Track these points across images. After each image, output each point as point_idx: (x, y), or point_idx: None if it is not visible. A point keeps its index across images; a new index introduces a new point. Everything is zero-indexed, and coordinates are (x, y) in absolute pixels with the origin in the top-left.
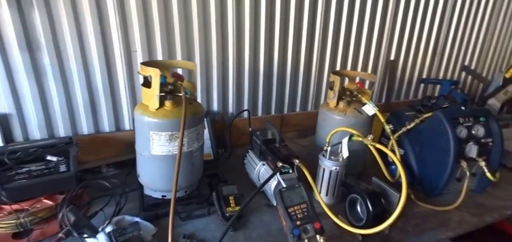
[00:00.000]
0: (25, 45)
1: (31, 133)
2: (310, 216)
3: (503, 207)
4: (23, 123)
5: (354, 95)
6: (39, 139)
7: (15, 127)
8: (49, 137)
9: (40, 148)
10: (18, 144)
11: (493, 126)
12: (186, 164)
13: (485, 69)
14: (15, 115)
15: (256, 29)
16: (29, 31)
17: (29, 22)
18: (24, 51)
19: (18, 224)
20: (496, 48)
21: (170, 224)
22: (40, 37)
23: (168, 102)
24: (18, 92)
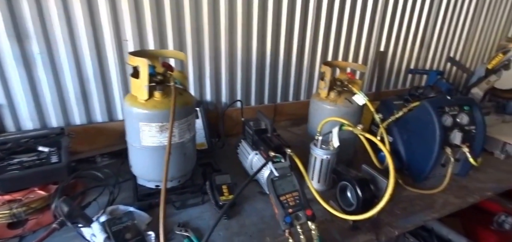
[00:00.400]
0: (13, 34)
1: (23, 124)
2: (301, 204)
3: (484, 188)
4: (14, 114)
5: (345, 85)
6: (31, 130)
7: (7, 118)
8: (41, 127)
9: (32, 139)
10: (9, 135)
11: (476, 114)
12: (178, 154)
13: (468, 60)
14: (6, 105)
15: (248, 19)
16: (17, 19)
17: (17, 10)
18: (13, 40)
19: (12, 214)
20: (479, 41)
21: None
22: (29, 25)
23: (158, 93)
24: (8, 82)
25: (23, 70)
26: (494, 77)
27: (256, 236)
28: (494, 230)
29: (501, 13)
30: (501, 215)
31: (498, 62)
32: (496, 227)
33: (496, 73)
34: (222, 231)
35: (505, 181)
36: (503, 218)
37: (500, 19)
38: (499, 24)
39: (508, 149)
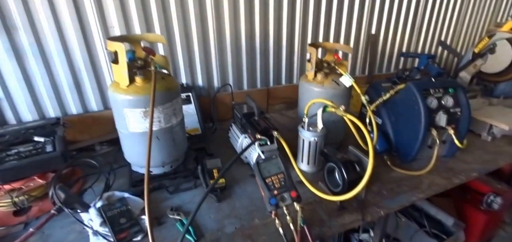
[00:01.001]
0: (1, 25)
1: (23, 116)
2: (286, 186)
3: (470, 169)
4: (13, 106)
5: (332, 67)
6: (29, 121)
7: (6, 111)
8: (39, 118)
9: (29, 130)
10: (7, 127)
11: (461, 97)
12: (167, 139)
13: (459, 44)
14: (4, 99)
15: (235, 1)
16: (3, 11)
17: (2, 2)
18: (1, 32)
19: (14, 202)
20: (469, 25)
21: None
22: (15, 16)
23: (139, 78)
24: (3, 75)
25: (15, 62)
26: (481, 61)
27: (246, 218)
28: (483, 210)
29: None
30: (490, 195)
31: (484, 46)
32: (485, 207)
33: (482, 57)
34: (213, 214)
35: (491, 162)
36: (491, 198)
37: (489, 4)
38: (489, 9)
39: (494, 131)
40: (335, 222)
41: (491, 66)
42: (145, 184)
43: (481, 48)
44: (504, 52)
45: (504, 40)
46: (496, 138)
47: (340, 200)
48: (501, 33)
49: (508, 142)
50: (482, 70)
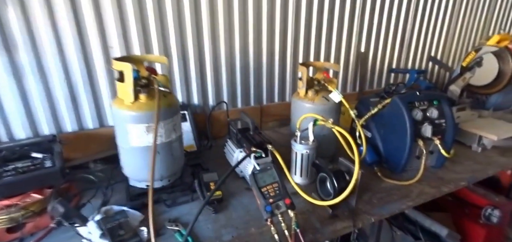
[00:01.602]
0: (1, 45)
1: (15, 133)
2: (281, 194)
3: (459, 179)
4: (6, 123)
5: (322, 84)
6: (24, 139)
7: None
8: (33, 135)
9: (24, 147)
10: (2, 144)
11: (445, 108)
12: (166, 154)
13: (450, 59)
14: None
15: (230, 23)
16: (4, 30)
17: (4, 21)
18: (2, 50)
19: (11, 218)
20: (459, 40)
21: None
22: (16, 36)
23: (143, 96)
24: None
25: (12, 80)
26: (469, 74)
27: (242, 227)
28: (482, 224)
29: (479, 12)
30: (488, 208)
31: (471, 59)
32: (484, 221)
33: (470, 70)
34: (210, 224)
35: (480, 171)
36: (489, 211)
37: (479, 18)
38: (479, 24)
39: (485, 142)
40: (328, 229)
41: (479, 79)
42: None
43: (468, 62)
44: (491, 65)
45: (489, 54)
46: (487, 149)
47: (330, 204)
48: (487, 47)
49: (499, 152)
50: (472, 83)
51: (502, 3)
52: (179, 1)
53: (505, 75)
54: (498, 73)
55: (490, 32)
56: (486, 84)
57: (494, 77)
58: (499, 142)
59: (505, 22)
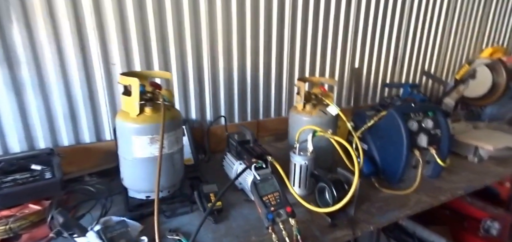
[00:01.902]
0: (4, 60)
1: (11, 146)
2: (282, 202)
3: (455, 188)
4: (2, 137)
5: (319, 98)
6: (20, 152)
7: None
8: (29, 149)
9: (23, 159)
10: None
11: (440, 119)
12: (167, 165)
13: (444, 73)
14: None
15: (228, 41)
16: (8, 46)
17: (8, 38)
18: (3, 66)
19: (8, 229)
20: (452, 54)
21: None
22: (19, 52)
23: (148, 109)
24: None
25: (12, 95)
26: (463, 87)
27: (243, 236)
28: (482, 236)
29: (471, 27)
30: (487, 220)
31: (465, 72)
32: (483, 234)
33: (464, 83)
34: (211, 234)
35: (477, 181)
36: (489, 224)
37: (472, 32)
38: (472, 37)
39: (481, 153)
40: (328, 237)
41: (473, 91)
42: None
43: (462, 75)
44: (485, 77)
45: (483, 66)
46: (483, 160)
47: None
48: (480, 60)
49: (496, 163)
50: (466, 95)
51: (495, 17)
52: (180, 20)
53: (499, 87)
54: (492, 85)
55: (483, 45)
56: (481, 96)
57: (488, 89)
58: (495, 152)
59: (498, 35)
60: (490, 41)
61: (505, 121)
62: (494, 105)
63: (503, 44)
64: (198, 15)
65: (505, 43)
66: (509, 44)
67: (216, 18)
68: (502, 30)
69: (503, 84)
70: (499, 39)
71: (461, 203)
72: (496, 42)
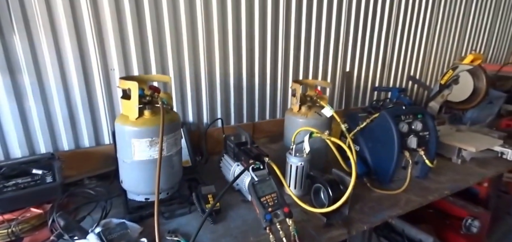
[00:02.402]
0: (6, 67)
1: (12, 151)
2: (279, 203)
3: (442, 188)
4: (3, 142)
5: (314, 100)
6: (21, 157)
7: None
8: (30, 154)
9: (24, 164)
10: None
11: (428, 122)
12: (166, 167)
13: (428, 78)
14: None
15: (224, 46)
16: (10, 54)
17: (10, 46)
18: (5, 73)
19: (10, 232)
20: (436, 60)
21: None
22: (21, 59)
23: (147, 112)
24: None
25: (13, 101)
26: (447, 91)
27: (241, 237)
28: (463, 234)
29: (452, 35)
30: (468, 219)
31: (449, 77)
32: (465, 231)
33: (448, 87)
34: (209, 234)
35: (461, 181)
36: (470, 222)
37: (452, 40)
38: (453, 45)
39: (464, 154)
40: (324, 237)
41: (456, 96)
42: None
43: (446, 80)
44: (466, 82)
45: (465, 72)
46: (466, 161)
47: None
48: (462, 66)
49: (477, 164)
50: (449, 99)
51: (472, 25)
52: (177, 25)
53: (480, 91)
54: (473, 90)
55: (463, 52)
56: (463, 100)
57: (470, 93)
58: (477, 153)
59: (476, 42)
60: (469, 48)
61: (485, 124)
62: (475, 109)
63: (481, 50)
64: (195, 21)
65: (482, 49)
66: (485, 51)
67: (213, 23)
68: (480, 38)
69: (483, 89)
70: (477, 46)
71: (444, 203)
72: (474, 49)
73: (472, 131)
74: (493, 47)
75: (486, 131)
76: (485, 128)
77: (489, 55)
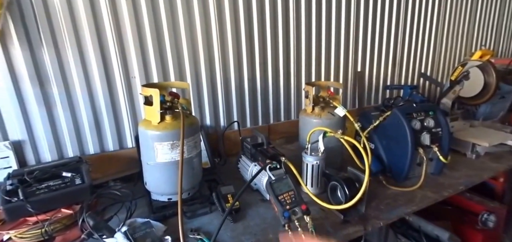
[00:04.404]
0: (36, 79)
1: (42, 156)
2: (297, 201)
3: (457, 183)
4: (35, 148)
5: (326, 101)
6: (51, 161)
7: (28, 152)
8: (58, 158)
9: (54, 167)
10: (34, 166)
11: (440, 118)
12: (187, 168)
13: (439, 74)
14: (27, 141)
15: (238, 52)
16: (39, 66)
17: (39, 59)
18: (35, 84)
19: (44, 232)
20: (446, 56)
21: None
22: (49, 70)
23: (168, 117)
24: (30, 120)
25: (43, 109)
26: (458, 87)
27: (260, 234)
28: (480, 229)
29: (460, 31)
30: (484, 214)
31: (459, 73)
32: (481, 226)
33: (459, 83)
34: (230, 232)
35: (476, 176)
36: (485, 217)
37: (462, 36)
38: (462, 41)
39: (478, 149)
40: (340, 233)
41: (468, 91)
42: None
43: (457, 76)
44: (477, 78)
45: (475, 67)
46: (480, 156)
47: (343, 208)
48: (472, 62)
49: (491, 158)
50: (461, 95)
51: (480, 21)
52: (193, 34)
53: (490, 86)
54: (484, 85)
55: (473, 48)
56: (474, 95)
57: (481, 88)
58: (490, 148)
59: (484, 38)
60: (478, 44)
61: (498, 119)
62: (487, 105)
63: (490, 46)
64: (209, 29)
65: (491, 45)
66: (494, 46)
67: (226, 31)
68: (488, 33)
69: (494, 84)
70: (486, 42)
71: (460, 199)
72: (484, 44)
73: (485, 126)
74: (502, 42)
75: (498, 125)
76: (497, 123)
77: (498, 50)
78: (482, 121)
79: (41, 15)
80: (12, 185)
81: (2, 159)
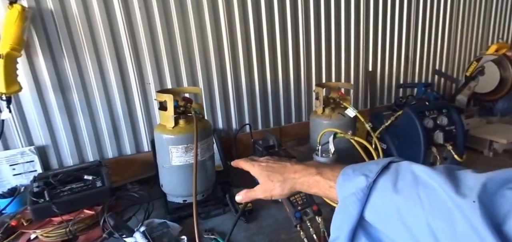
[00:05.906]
0: (58, 87)
1: (65, 160)
2: (308, 201)
3: None
4: (57, 152)
5: (337, 102)
6: (73, 165)
7: (51, 156)
8: (79, 162)
9: (76, 171)
10: (57, 169)
11: (454, 115)
12: (201, 171)
13: (454, 70)
14: (51, 146)
15: (248, 56)
16: (61, 75)
17: (61, 68)
18: (57, 92)
19: (68, 231)
20: (461, 51)
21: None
22: (70, 79)
23: (182, 121)
24: (53, 126)
25: (65, 116)
26: (473, 83)
27: (273, 234)
28: None
29: (476, 24)
30: None
31: (474, 69)
32: None
33: (474, 79)
34: (243, 232)
35: None
36: None
37: (477, 29)
38: (477, 34)
39: (496, 146)
40: None
41: (483, 87)
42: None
43: (472, 72)
44: (493, 73)
45: (490, 62)
46: (498, 153)
47: None
48: (487, 56)
49: (510, 156)
50: (477, 91)
51: (497, 14)
52: (204, 41)
53: (507, 81)
54: (500, 80)
55: (489, 41)
56: (490, 91)
57: (497, 84)
58: (509, 145)
59: (501, 31)
60: (495, 37)
61: None
62: (505, 100)
63: (507, 40)
64: (220, 35)
65: (509, 38)
66: None
67: (236, 36)
68: (505, 26)
69: (511, 79)
70: (503, 35)
71: None
72: (501, 38)
73: (503, 122)
74: None
75: None
76: None
77: None
78: (500, 117)
79: (61, 26)
80: (39, 187)
81: (27, 162)
